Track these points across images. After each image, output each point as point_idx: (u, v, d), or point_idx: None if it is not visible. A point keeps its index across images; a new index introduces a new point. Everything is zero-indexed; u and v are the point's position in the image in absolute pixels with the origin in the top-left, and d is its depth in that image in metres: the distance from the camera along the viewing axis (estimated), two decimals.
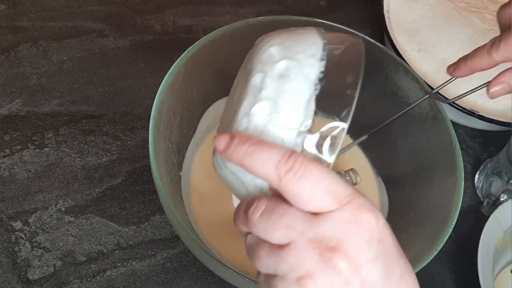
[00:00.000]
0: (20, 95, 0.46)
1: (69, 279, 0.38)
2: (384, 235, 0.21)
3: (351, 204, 0.21)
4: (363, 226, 0.21)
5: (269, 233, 0.21)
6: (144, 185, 0.43)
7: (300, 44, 0.25)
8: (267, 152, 0.21)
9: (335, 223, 0.20)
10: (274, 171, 0.21)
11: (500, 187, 0.47)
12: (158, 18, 0.55)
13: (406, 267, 0.22)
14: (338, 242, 0.20)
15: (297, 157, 0.21)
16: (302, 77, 0.23)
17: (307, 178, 0.20)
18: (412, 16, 0.54)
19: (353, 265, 0.20)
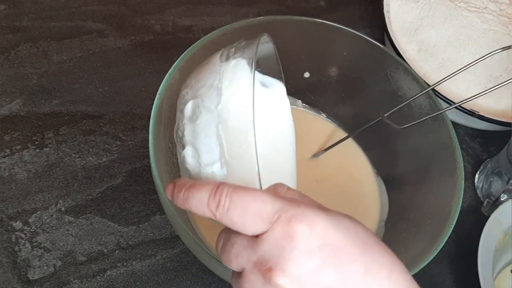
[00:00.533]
0: (20, 95, 0.46)
1: (69, 279, 0.38)
2: (328, 238, 0.21)
3: (280, 220, 0.21)
4: (296, 239, 0.21)
5: (228, 264, 0.23)
6: (144, 185, 0.43)
7: (201, 78, 0.27)
8: (197, 195, 0.22)
9: (270, 243, 0.21)
10: (208, 210, 0.22)
11: (500, 187, 0.47)
12: (158, 18, 0.55)
13: (375, 261, 0.21)
14: (274, 262, 0.21)
15: (222, 191, 0.22)
16: (205, 112, 0.25)
17: (234, 208, 0.21)
18: (412, 16, 0.54)
19: (295, 280, 0.20)
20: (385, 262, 0.22)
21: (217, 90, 0.25)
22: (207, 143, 0.25)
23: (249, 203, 0.21)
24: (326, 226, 0.21)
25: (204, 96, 0.26)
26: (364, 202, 0.45)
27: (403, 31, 0.53)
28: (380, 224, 0.43)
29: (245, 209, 0.21)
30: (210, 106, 0.25)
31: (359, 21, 0.60)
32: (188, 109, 0.26)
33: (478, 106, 0.48)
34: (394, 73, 0.42)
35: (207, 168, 0.25)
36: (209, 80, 0.26)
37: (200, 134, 0.25)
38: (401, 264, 0.22)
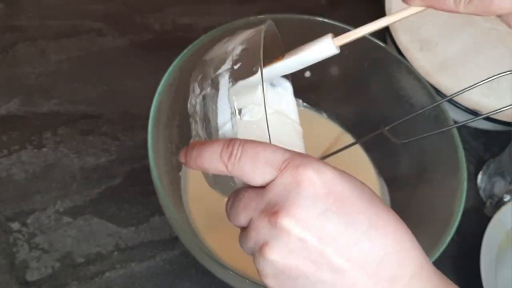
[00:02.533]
0: (18, 95, 0.46)
1: (68, 281, 0.38)
2: (334, 187, 0.21)
3: (288, 166, 0.22)
4: (303, 184, 0.21)
5: (236, 220, 0.23)
6: (143, 186, 0.43)
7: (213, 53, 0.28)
8: (210, 148, 0.23)
9: (277, 189, 0.22)
10: (220, 162, 0.23)
11: (503, 187, 0.47)
12: (157, 16, 0.54)
13: (381, 217, 0.21)
14: (280, 205, 0.21)
15: (234, 143, 0.22)
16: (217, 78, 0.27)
17: (245, 156, 0.22)
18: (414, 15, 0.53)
19: (299, 222, 0.21)
20: (391, 219, 0.22)
21: (227, 57, 0.26)
22: (220, 105, 0.26)
23: (260, 152, 0.22)
24: (333, 177, 0.21)
25: (214, 65, 0.27)
26: None
27: (405, 30, 0.52)
28: None
29: (256, 157, 0.22)
30: (222, 71, 0.26)
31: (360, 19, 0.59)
32: (199, 79, 0.27)
33: (481, 106, 0.48)
34: (396, 73, 0.42)
35: (219, 130, 0.26)
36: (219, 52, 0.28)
37: (212, 100, 0.26)
38: (405, 225, 0.22)
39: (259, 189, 0.22)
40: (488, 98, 0.49)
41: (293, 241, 0.21)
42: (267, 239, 0.21)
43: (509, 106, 0.34)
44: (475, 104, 0.48)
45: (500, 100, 0.49)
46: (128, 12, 0.54)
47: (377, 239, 0.21)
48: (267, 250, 0.21)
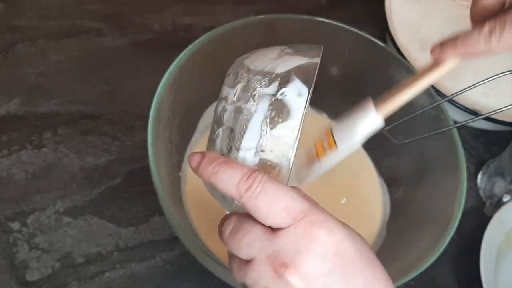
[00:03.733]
0: (18, 95, 0.46)
1: (68, 281, 0.38)
2: (342, 249, 0.22)
3: (304, 220, 0.22)
4: (316, 242, 0.22)
5: (235, 251, 0.23)
6: (143, 186, 0.43)
7: (260, 63, 0.27)
8: (230, 172, 0.23)
9: (289, 239, 0.22)
10: (236, 189, 0.22)
11: (503, 187, 0.47)
12: (157, 16, 0.54)
13: (375, 276, 0.23)
14: (290, 258, 0.22)
15: (256, 176, 0.22)
16: (257, 98, 0.25)
17: (264, 195, 0.22)
18: (414, 15, 0.53)
19: (305, 280, 0.21)
20: (382, 278, 0.23)
21: (275, 80, 0.26)
22: (251, 128, 0.25)
23: (280, 195, 0.22)
24: (343, 238, 0.22)
25: (257, 79, 0.26)
26: (367, 203, 0.44)
27: (404, 30, 0.52)
28: (382, 225, 0.43)
29: (275, 199, 0.22)
30: (265, 94, 0.25)
31: (360, 19, 0.59)
32: (238, 90, 0.26)
33: (481, 106, 0.48)
34: (396, 73, 0.42)
35: (240, 152, 0.25)
36: (267, 68, 0.26)
37: (245, 118, 0.25)
38: (391, 282, 0.24)
39: (267, 230, 0.22)
40: (488, 98, 0.49)
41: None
42: (268, 285, 0.22)
43: (509, 106, 0.34)
44: (475, 104, 0.48)
45: (500, 100, 0.49)
46: (128, 12, 0.54)
47: None
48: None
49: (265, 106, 0.25)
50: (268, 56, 0.27)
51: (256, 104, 0.25)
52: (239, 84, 0.26)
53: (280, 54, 0.27)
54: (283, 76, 0.26)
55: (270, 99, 0.25)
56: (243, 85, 0.26)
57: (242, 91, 0.26)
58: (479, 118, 0.38)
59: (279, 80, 0.25)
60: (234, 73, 0.28)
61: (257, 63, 0.27)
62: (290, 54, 0.27)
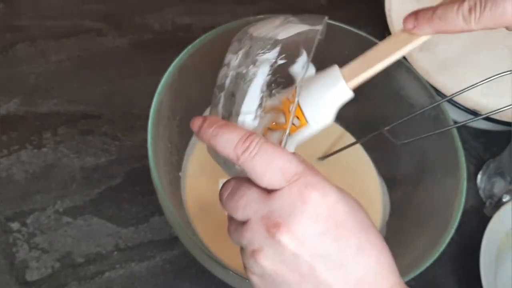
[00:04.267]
0: (18, 94, 0.46)
1: (67, 281, 0.38)
2: (335, 211, 0.22)
3: (298, 182, 0.22)
4: (308, 203, 0.22)
5: (233, 213, 0.24)
6: (143, 186, 0.43)
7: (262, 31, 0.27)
8: (228, 134, 0.23)
9: (283, 200, 0.22)
10: (233, 151, 0.23)
11: (503, 187, 0.47)
12: (157, 16, 0.54)
13: (369, 241, 0.23)
14: (283, 218, 0.22)
15: (253, 139, 0.23)
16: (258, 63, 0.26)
17: (260, 156, 0.22)
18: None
19: (296, 239, 0.22)
20: (377, 243, 0.23)
21: (275, 46, 0.26)
22: (251, 92, 0.25)
23: (275, 157, 0.22)
24: (336, 200, 0.23)
25: (259, 46, 0.26)
26: (368, 202, 0.44)
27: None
28: (382, 225, 0.43)
29: (271, 161, 0.22)
30: (265, 59, 0.26)
31: (360, 20, 0.59)
32: (240, 55, 0.27)
33: (481, 106, 0.48)
34: (396, 73, 0.42)
35: (240, 116, 0.25)
36: (269, 34, 0.27)
37: (246, 82, 0.26)
38: (387, 248, 0.24)
39: (263, 192, 0.23)
40: (487, 98, 0.49)
41: (287, 254, 0.22)
42: (262, 245, 0.22)
43: (509, 106, 0.34)
44: (474, 104, 0.48)
45: (500, 100, 0.49)
46: (128, 12, 0.54)
47: (362, 261, 0.23)
48: (261, 255, 0.22)
49: (265, 71, 0.25)
50: (271, 24, 0.28)
51: (256, 69, 0.25)
52: (241, 50, 0.27)
53: (283, 22, 0.28)
54: (284, 42, 0.26)
55: (271, 64, 0.25)
56: (245, 51, 0.27)
57: (243, 57, 0.26)
58: (479, 118, 0.38)
59: (280, 46, 0.26)
60: (238, 40, 0.28)
61: (260, 30, 0.27)
62: (292, 22, 0.27)
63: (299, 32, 0.26)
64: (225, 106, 0.26)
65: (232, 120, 0.26)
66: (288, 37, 0.26)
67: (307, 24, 0.27)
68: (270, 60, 0.25)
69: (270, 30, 0.27)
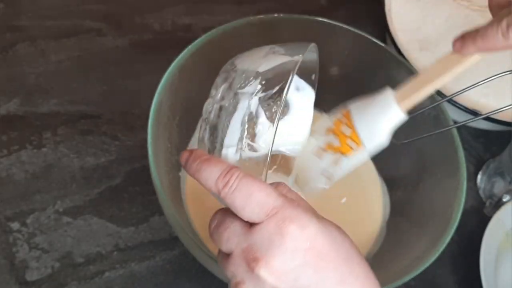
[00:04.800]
0: (18, 94, 0.46)
1: (67, 281, 0.38)
2: (315, 244, 0.22)
3: (276, 216, 0.22)
4: (286, 237, 0.22)
5: (218, 244, 0.24)
6: (143, 186, 0.43)
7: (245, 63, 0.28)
8: (210, 169, 0.24)
9: (262, 234, 0.23)
10: (215, 185, 0.23)
11: (503, 187, 0.47)
12: (157, 16, 0.54)
13: (352, 273, 0.23)
14: (262, 253, 0.22)
15: (233, 173, 0.23)
16: (239, 96, 0.26)
17: (239, 191, 0.23)
18: (414, 15, 0.53)
19: (275, 273, 0.22)
20: (360, 275, 0.23)
21: (256, 79, 0.26)
22: (232, 125, 0.26)
23: (254, 192, 0.23)
24: (316, 232, 0.23)
25: (241, 79, 0.27)
26: (367, 203, 0.44)
27: (404, 30, 0.52)
28: (382, 225, 0.43)
29: (249, 196, 0.23)
30: (245, 92, 0.26)
31: (360, 20, 0.59)
32: (222, 88, 0.27)
33: (481, 106, 0.48)
34: (396, 73, 0.42)
35: (223, 149, 0.26)
36: (251, 67, 0.27)
37: (227, 116, 0.26)
38: (374, 280, 0.24)
39: (245, 225, 0.23)
40: (487, 98, 0.49)
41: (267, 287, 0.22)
42: (243, 278, 0.23)
43: (509, 106, 0.34)
44: (474, 104, 0.48)
45: (500, 100, 0.49)
46: (128, 12, 0.54)
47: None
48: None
49: (245, 104, 0.26)
50: (256, 55, 0.28)
51: (236, 102, 0.26)
52: (225, 83, 0.27)
53: (267, 53, 0.28)
54: (264, 74, 0.26)
55: (250, 97, 0.26)
56: (228, 84, 0.27)
57: (226, 90, 0.27)
58: (479, 118, 0.38)
59: (260, 79, 0.26)
60: (225, 71, 0.28)
61: (244, 63, 0.28)
62: (276, 53, 0.27)
63: (280, 63, 0.27)
64: (209, 139, 0.27)
65: (216, 153, 0.26)
66: (268, 70, 0.26)
67: (288, 55, 0.27)
68: (250, 93, 0.26)
69: (253, 62, 0.27)
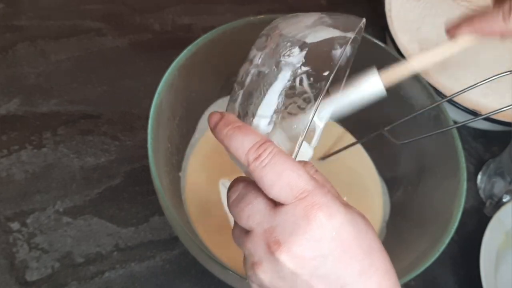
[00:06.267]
0: (18, 94, 0.46)
1: (67, 281, 0.38)
2: (340, 234, 0.22)
3: (305, 200, 0.22)
4: (313, 224, 0.21)
5: (237, 219, 0.23)
6: (143, 186, 0.43)
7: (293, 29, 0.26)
8: (242, 138, 0.23)
9: (287, 217, 0.22)
10: (245, 156, 0.22)
11: (503, 187, 0.47)
12: (157, 16, 0.54)
13: (373, 265, 0.22)
14: (285, 237, 0.21)
15: (266, 147, 0.22)
16: (281, 65, 0.25)
17: (271, 167, 0.22)
18: (414, 15, 0.53)
19: (296, 259, 0.21)
20: (380, 267, 0.23)
21: (301, 50, 0.25)
22: (269, 95, 0.24)
23: (286, 171, 0.22)
24: (343, 222, 0.22)
25: (285, 46, 0.25)
26: (368, 202, 0.44)
27: (404, 30, 0.52)
28: (382, 225, 0.43)
29: (281, 174, 0.22)
30: (289, 63, 0.24)
31: None
32: (264, 53, 0.25)
33: (480, 106, 0.48)
34: None
35: (255, 118, 0.24)
36: (298, 35, 0.25)
37: (265, 84, 0.25)
38: (393, 273, 0.23)
39: (269, 203, 0.23)
40: (487, 98, 0.49)
41: (285, 272, 0.22)
42: (261, 259, 0.22)
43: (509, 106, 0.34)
44: (474, 104, 0.48)
45: (500, 100, 0.49)
46: (128, 12, 0.54)
47: (362, 284, 0.22)
48: (259, 269, 0.22)
49: (286, 76, 0.24)
50: (303, 23, 0.26)
51: (278, 72, 0.24)
52: (266, 47, 0.25)
53: (315, 22, 0.26)
54: (311, 46, 0.24)
55: (293, 69, 0.24)
56: (270, 49, 0.25)
57: (268, 56, 0.25)
58: (479, 118, 0.38)
59: (307, 50, 0.24)
60: (266, 35, 0.26)
61: (290, 29, 0.26)
62: (325, 24, 0.26)
63: (329, 37, 0.25)
64: (242, 104, 0.25)
65: (247, 121, 0.25)
66: (316, 42, 0.24)
67: (338, 30, 0.25)
68: (293, 64, 0.24)
69: (301, 30, 0.25)
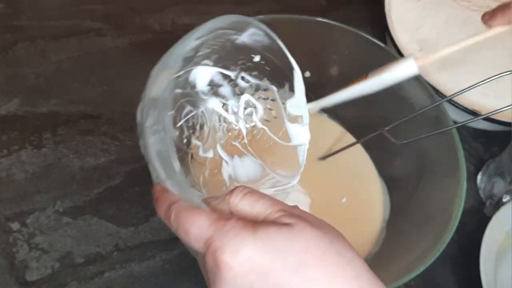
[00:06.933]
0: (18, 94, 0.46)
1: (67, 281, 0.38)
2: (254, 263, 0.22)
3: (211, 247, 0.22)
4: (221, 269, 0.22)
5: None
6: (143, 186, 0.43)
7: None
8: (158, 205, 0.25)
9: (208, 267, 0.23)
10: (166, 220, 0.25)
11: (503, 187, 0.47)
12: (157, 17, 0.54)
13: (308, 279, 0.22)
14: (211, 284, 0.23)
15: (172, 209, 0.24)
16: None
17: (180, 230, 0.24)
18: (414, 15, 0.53)
19: None
20: (319, 277, 0.22)
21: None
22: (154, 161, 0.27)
23: (189, 228, 0.23)
24: (251, 254, 0.22)
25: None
26: (367, 203, 0.44)
27: (404, 30, 0.52)
28: (382, 225, 0.43)
29: (187, 233, 0.23)
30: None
31: (360, 20, 0.59)
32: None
33: (480, 106, 0.48)
34: None
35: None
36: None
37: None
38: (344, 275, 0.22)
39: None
40: (487, 98, 0.49)
41: None
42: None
43: (509, 106, 0.34)
44: (474, 104, 0.48)
45: (500, 100, 0.49)
46: (128, 12, 0.54)
47: None
48: None
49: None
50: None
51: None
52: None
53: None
54: None
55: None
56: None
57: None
58: (479, 118, 0.38)
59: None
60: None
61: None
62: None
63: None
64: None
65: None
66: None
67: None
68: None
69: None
